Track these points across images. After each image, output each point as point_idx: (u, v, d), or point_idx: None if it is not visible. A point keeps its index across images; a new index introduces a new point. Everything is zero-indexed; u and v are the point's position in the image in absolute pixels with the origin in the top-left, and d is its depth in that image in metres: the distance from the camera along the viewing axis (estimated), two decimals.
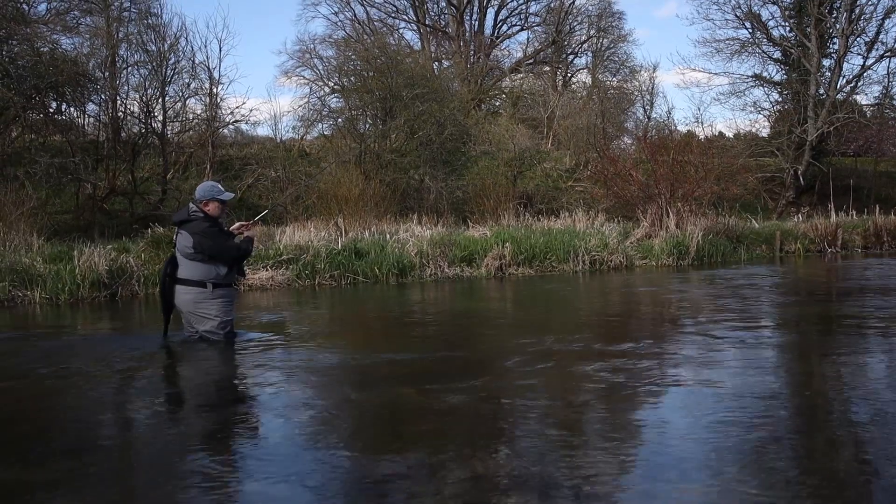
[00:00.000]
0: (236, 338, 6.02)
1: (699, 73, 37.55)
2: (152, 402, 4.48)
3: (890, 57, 25.23)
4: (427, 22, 33.73)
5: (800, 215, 21.27)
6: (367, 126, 20.69)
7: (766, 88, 27.35)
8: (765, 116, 27.83)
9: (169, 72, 18.36)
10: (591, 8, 34.26)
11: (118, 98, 18.38)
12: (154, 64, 18.26)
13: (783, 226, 17.93)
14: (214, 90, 19.43)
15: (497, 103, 33.07)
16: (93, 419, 4.06)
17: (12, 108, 14.88)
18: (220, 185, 6.11)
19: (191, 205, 5.93)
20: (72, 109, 17.89)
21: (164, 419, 4.13)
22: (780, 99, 27.42)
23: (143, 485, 3.07)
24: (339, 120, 22.08)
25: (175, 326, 6.12)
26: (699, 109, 42.77)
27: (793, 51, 25.34)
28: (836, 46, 25.09)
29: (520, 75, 33.92)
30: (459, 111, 21.82)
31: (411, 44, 32.43)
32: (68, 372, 5.27)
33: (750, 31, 26.29)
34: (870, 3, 24.67)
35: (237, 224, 6.32)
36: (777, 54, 26.71)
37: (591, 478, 2.94)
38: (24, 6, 17.31)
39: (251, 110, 45.74)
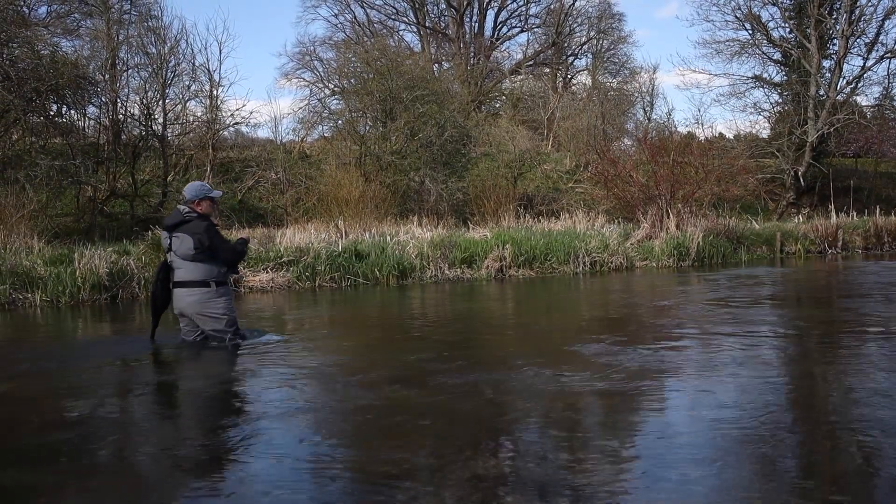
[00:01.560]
0: (241, 335, 6.02)
1: (699, 75, 37.72)
2: (155, 405, 4.48)
3: (890, 58, 25.28)
4: (427, 24, 33.77)
5: (800, 216, 21.28)
6: (368, 128, 20.71)
7: (766, 89, 27.40)
8: (765, 117, 27.88)
9: (169, 74, 18.40)
10: (590, 9, 34.38)
11: (118, 100, 18.43)
12: (154, 66, 18.30)
13: (784, 227, 17.93)
14: (215, 92, 19.49)
15: (497, 105, 33.11)
16: (93, 422, 4.06)
17: (13, 111, 14.89)
18: (207, 184, 6.15)
19: (182, 206, 5.92)
20: (72, 112, 17.91)
21: (165, 421, 4.13)
22: (780, 100, 27.47)
23: (145, 487, 3.07)
24: (340, 122, 22.11)
25: (167, 329, 6.12)
26: (699, 110, 42.90)
27: (793, 52, 25.36)
28: (836, 47, 25.11)
29: (520, 77, 33.97)
30: (459, 113, 21.86)
31: (411, 46, 32.51)
32: (69, 374, 5.27)
33: (750, 32, 26.34)
34: (870, 4, 24.74)
35: None
36: (777, 55, 26.74)
37: (591, 478, 2.94)
38: (25, 9, 17.35)
39: (251, 112, 45.95)
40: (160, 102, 18.28)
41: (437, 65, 32.48)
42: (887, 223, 18.36)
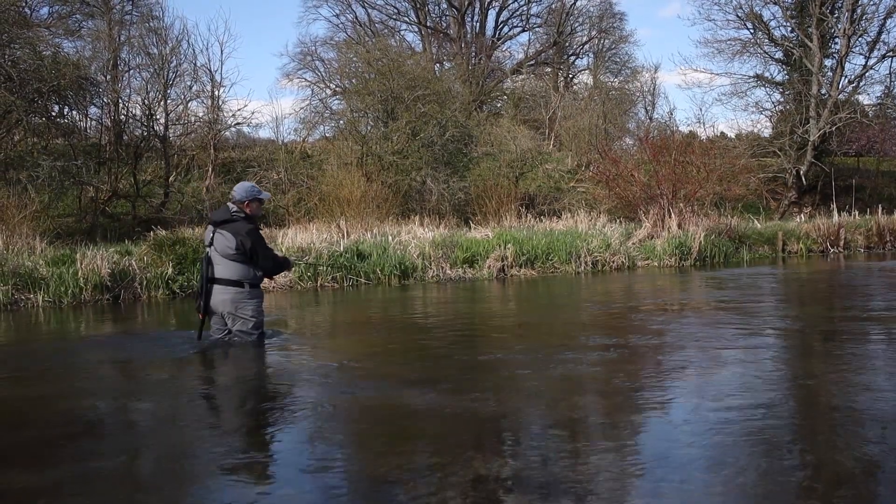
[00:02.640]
0: (266, 338, 6.06)
1: (701, 74, 37.57)
2: (158, 405, 4.48)
3: (892, 57, 25.26)
4: (428, 24, 33.76)
5: (802, 215, 21.26)
6: (369, 128, 20.72)
7: (767, 89, 27.37)
8: (767, 117, 27.86)
9: (171, 75, 18.43)
10: (592, 9, 34.34)
11: (120, 101, 18.48)
12: (156, 67, 18.33)
13: (786, 226, 17.91)
14: (216, 93, 19.54)
15: (499, 104, 33.10)
16: (99, 422, 4.06)
17: (15, 112, 14.91)
18: (256, 186, 6.16)
19: (230, 205, 5.96)
20: (74, 113, 17.96)
21: (169, 421, 4.13)
22: (781, 99, 27.44)
23: (148, 487, 3.07)
24: (341, 122, 22.13)
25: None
26: (701, 110, 42.77)
27: (794, 51, 25.33)
28: (837, 46, 25.09)
29: (521, 76, 33.97)
30: (461, 112, 21.85)
31: (413, 46, 32.52)
32: (71, 375, 5.28)
33: (751, 31, 26.32)
34: (871, 2, 24.71)
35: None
36: (779, 54, 26.72)
37: (593, 478, 2.94)
38: (27, 10, 17.39)
39: (253, 113, 45.92)
40: (162, 103, 18.32)
41: (438, 64, 32.47)
42: (889, 222, 18.34)
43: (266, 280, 6.28)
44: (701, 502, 2.72)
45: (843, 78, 25.01)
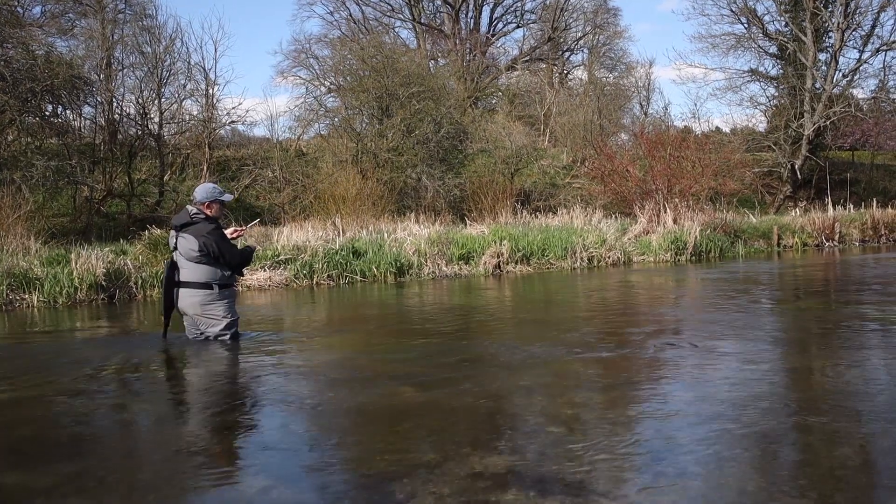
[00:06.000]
0: (241, 338, 6.03)
1: (695, 69, 37.57)
2: (153, 404, 4.47)
3: (886, 50, 25.28)
4: (423, 20, 33.71)
5: (797, 209, 21.31)
6: (364, 125, 20.69)
7: (762, 83, 27.41)
8: (761, 111, 27.91)
9: (165, 73, 18.38)
10: (586, 4, 34.33)
11: (114, 100, 18.39)
12: (150, 66, 18.27)
13: (781, 220, 17.96)
14: (210, 91, 19.48)
15: (493, 101, 33.08)
16: (94, 422, 4.05)
17: (8, 112, 14.86)
18: (219, 187, 6.12)
19: (190, 207, 5.91)
20: (68, 112, 17.89)
21: (165, 421, 4.12)
22: (776, 93, 27.46)
23: (145, 487, 3.07)
24: (336, 119, 22.07)
25: (174, 328, 6.12)
26: (696, 105, 42.85)
27: (789, 45, 25.35)
28: (831, 40, 25.11)
29: (516, 73, 33.95)
30: (456, 109, 21.84)
31: (407, 42, 32.47)
32: (69, 375, 5.27)
33: (745, 25, 26.33)
34: None
35: (231, 228, 6.36)
36: (773, 49, 26.73)
37: (591, 475, 2.94)
38: (19, 9, 17.31)
39: (247, 111, 45.86)
40: (156, 101, 18.26)
41: (432, 61, 32.43)
42: (884, 216, 18.43)
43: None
44: (698, 497, 2.72)
45: (837, 72, 25.05)
